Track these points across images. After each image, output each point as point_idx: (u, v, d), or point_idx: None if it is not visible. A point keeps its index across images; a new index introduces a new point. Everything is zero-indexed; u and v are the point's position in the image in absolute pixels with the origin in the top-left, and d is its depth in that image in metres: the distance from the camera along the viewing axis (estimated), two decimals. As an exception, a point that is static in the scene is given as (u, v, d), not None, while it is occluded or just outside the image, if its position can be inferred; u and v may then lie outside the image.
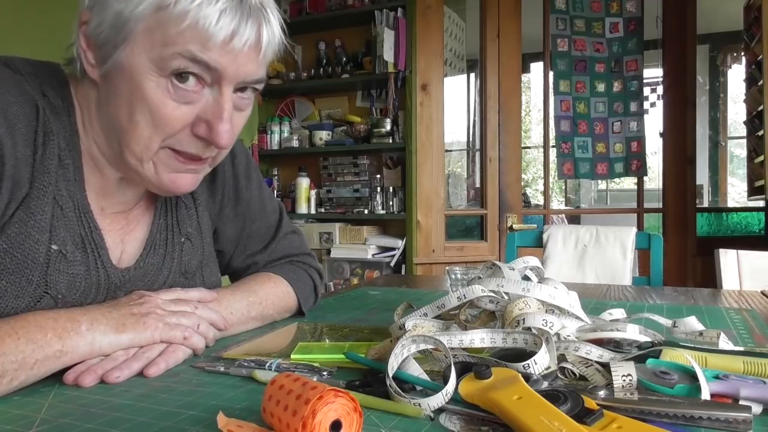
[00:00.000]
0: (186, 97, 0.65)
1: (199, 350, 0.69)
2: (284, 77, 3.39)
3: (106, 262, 0.72)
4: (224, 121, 0.66)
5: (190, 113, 0.66)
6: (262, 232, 0.96)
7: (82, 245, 0.69)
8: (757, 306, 1.07)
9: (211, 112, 0.66)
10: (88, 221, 0.70)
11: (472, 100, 4.25)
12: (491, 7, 3.06)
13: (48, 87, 0.68)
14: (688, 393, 0.49)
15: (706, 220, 3.32)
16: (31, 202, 0.64)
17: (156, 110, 0.64)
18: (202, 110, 0.66)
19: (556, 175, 3.25)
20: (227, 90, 0.66)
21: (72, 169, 0.69)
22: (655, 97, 3.59)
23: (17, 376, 0.54)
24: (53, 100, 0.68)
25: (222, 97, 0.66)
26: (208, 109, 0.66)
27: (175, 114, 0.65)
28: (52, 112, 0.67)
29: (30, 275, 0.64)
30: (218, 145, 0.67)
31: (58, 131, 0.67)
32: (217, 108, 0.66)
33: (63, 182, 0.68)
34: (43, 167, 0.65)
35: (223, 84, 0.66)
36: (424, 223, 2.99)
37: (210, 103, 0.66)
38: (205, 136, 0.67)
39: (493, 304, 0.66)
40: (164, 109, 0.64)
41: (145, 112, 0.64)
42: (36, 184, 0.64)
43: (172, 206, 0.83)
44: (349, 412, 0.41)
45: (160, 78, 0.63)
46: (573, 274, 1.90)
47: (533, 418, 0.42)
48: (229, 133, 0.67)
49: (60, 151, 0.67)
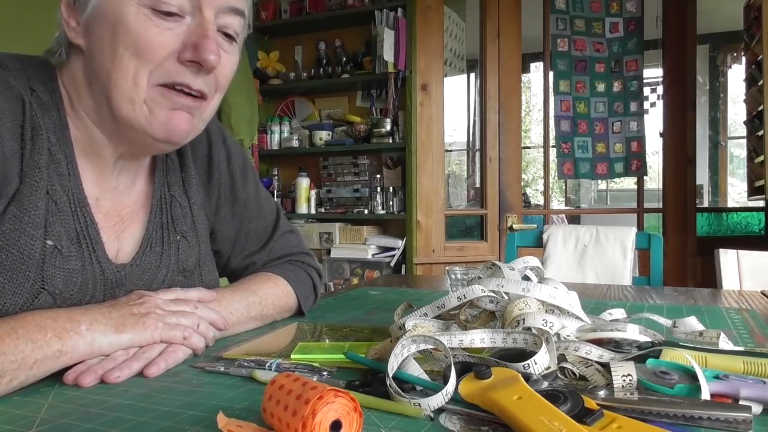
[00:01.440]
0: (167, 24, 0.65)
1: (198, 350, 0.68)
2: (284, 77, 3.40)
3: (102, 258, 0.72)
4: (210, 38, 0.67)
5: (173, 39, 0.66)
6: (259, 232, 0.96)
7: (77, 240, 0.69)
8: (757, 306, 1.07)
9: (195, 34, 0.67)
10: (83, 215, 0.70)
11: (472, 100, 4.26)
12: (491, 7, 3.06)
13: (36, 82, 0.68)
14: (688, 393, 0.49)
15: (706, 220, 3.32)
16: (23, 198, 0.64)
17: (138, 37, 0.64)
18: (186, 35, 0.67)
19: (556, 175, 3.25)
20: (208, 13, 0.67)
21: (65, 163, 0.69)
22: (655, 97, 3.59)
23: (17, 375, 0.54)
24: (41, 95, 0.68)
25: (204, 19, 0.67)
26: (191, 32, 0.67)
27: (158, 39, 0.65)
28: (39, 107, 0.67)
29: (27, 271, 0.64)
30: (207, 63, 0.67)
31: (47, 126, 0.67)
32: (201, 28, 0.67)
33: (56, 177, 0.67)
34: (33, 162, 0.64)
35: (203, 8, 0.67)
36: (424, 223, 2.99)
37: (193, 27, 0.67)
38: (192, 57, 0.67)
39: (493, 304, 0.66)
40: (146, 34, 0.64)
41: (129, 44, 0.64)
42: (27, 180, 0.64)
43: (166, 204, 0.83)
44: (349, 412, 0.41)
45: (139, 6, 0.64)
46: (573, 274, 1.90)
47: (533, 418, 0.42)
48: (216, 53, 0.67)
49: (50, 146, 0.67)
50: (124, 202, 0.78)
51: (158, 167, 0.83)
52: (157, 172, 0.83)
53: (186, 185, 0.86)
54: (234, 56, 0.74)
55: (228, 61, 0.73)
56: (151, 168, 0.83)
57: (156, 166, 0.83)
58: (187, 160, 0.86)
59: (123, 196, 0.78)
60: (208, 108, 0.74)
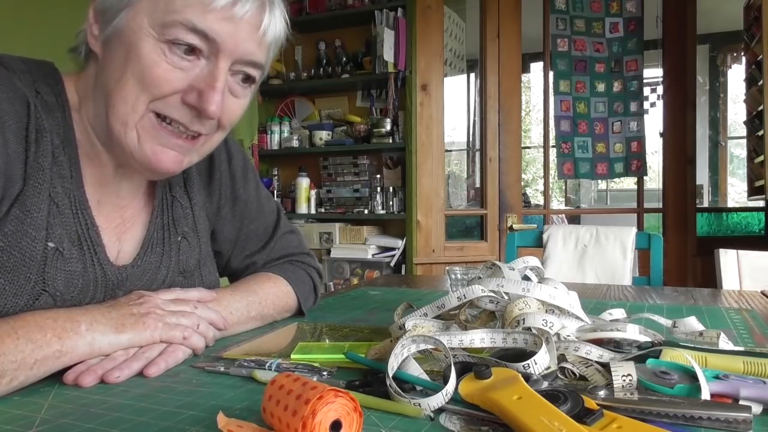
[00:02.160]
0: (181, 63, 0.65)
1: (198, 350, 0.68)
2: (284, 77, 3.39)
3: (103, 260, 0.72)
4: (216, 90, 0.66)
5: (182, 79, 0.66)
6: (260, 233, 0.97)
7: (78, 242, 0.69)
8: (757, 306, 1.07)
9: (204, 81, 0.66)
10: (84, 218, 0.70)
11: (472, 100, 4.26)
12: (491, 7, 3.06)
13: (42, 84, 0.68)
14: (688, 393, 0.49)
15: (706, 220, 3.32)
16: (26, 199, 0.64)
17: (147, 68, 0.64)
18: (195, 79, 0.66)
19: (556, 175, 3.25)
20: (223, 63, 0.67)
21: (67, 166, 0.69)
22: (655, 97, 3.59)
23: (17, 375, 0.54)
24: (46, 97, 0.68)
25: (217, 68, 0.67)
26: (201, 78, 0.67)
27: (166, 75, 0.65)
28: (44, 109, 0.67)
29: (28, 273, 0.64)
30: (206, 113, 0.66)
31: (51, 128, 0.67)
32: (211, 77, 0.66)
33: (58, 179, 0.67)
34: (36, 164, 0.65)
35: (220, 56, 0.66)
36: (424, 223, 2.99)
37: (204, 73, 0.67)
38: (194, 103, 0.67)
39: (493, 304, 0.66)
40: (156, 68, 0.64)
41: (136, 70, 0.64)
42: (30, 182, 0.64)
43: (168, 205, 0.83)
44: (349, 412, 0.41)
45: (157, 41, 0.64)
46: (573, 274, 1.90)
47: (533, 418, 0.42)
48: (218, 105, 0.67)
49: (53, 148, 0.67)
50: (127, 206, 0.78)
51: None
52: None
53: (188, 186, 0.86)
54: (244, 100, 0.74)
55: (236, 105, 0.72)
56: None
57: None
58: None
59: (125, 200, 0.78)
60: (206, 144, 0.74)
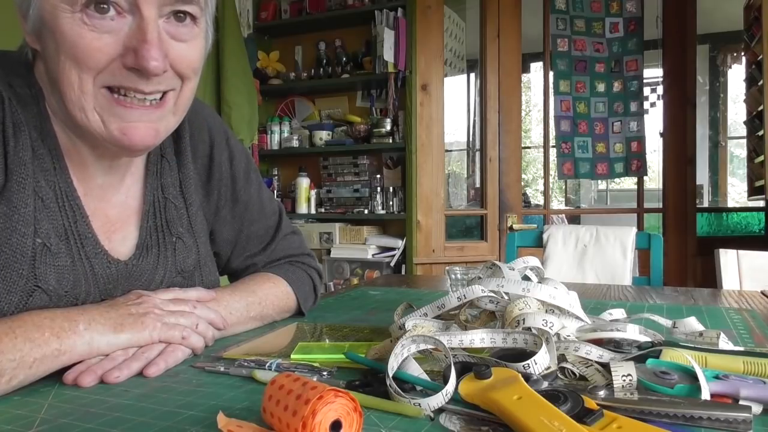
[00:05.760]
0: (104, 27, 0.62)
1: (198, 350, 0.68)
2: (284, 77, 3.40)
3: (90, 253, 0.71)
4: (149, 43, 0.62)
5: (112, 43, 0.63)
6: (261, 234, 0.96)
7: (65, 237, 0.68)
8: (757, 306, 1.06)
9: (135, 38, 0.63)
10: (72, 209, 0.69)
11: (472, 100, 4.26)
12: (491, 7, 3.06)
13: (14, 77, 0.67)
14: (688, 393, 0.49)
15: (706, 220, 3.33)
16: (11, 195, 0.63)
17: (74, 44, 0.61)
18: (126, 38, 0.63)
19: (556, 175, 3.25)
20: (148, 11, 0.62)
21: (49, 158, 0.68)
22: (655, 97, 3.59)
23: (16, 374, 0.54)
24: (20, 89, 0.67)
25: (143, 20, 0.63)
26: (131, 35, 0.63)
27: (95, 45, 0.62)
28: (19, 102, 0.66)
29: (20, 270, 0.63)
30: (147, 71, 0.62)
31: (28, 121, 0.66)
32: (139, 31, 0.63)
33: (41, 173, 0.67)
34: (17, 159, 0.64)
35: (141, 5, 0.62)
36: (424, 223, 2.99)
37: (133, 29, 0.63)
38: (134, 64, 0.62)
39: (493, 304, 0.66)
40: (82, 41, 0.61)
41: (67, 51, 0.62)
42: (14, 177, 0.64)
43: (160, 208, 0.81)
44: (349, 412, 0.41)
45: (74, 13, 0.61)
46: (573, 274, 1.90)
47: (533, 418, 0.42)
48: (159, 59, 0.63)
49: (32, 141, 0.66)
50: (111, 201, 0.76)
51: (151, 171, 0.81)
52: (149, 176, 0.81)
53: (183, 186, 0.85)
54: (196, 41, 0.68)
55: (188, 50, 0.67)
56: (145, 170, 0.81)
57: (149, 169, 0.81)
58: (186, 160, 0.85)
59: (108, 194, 0.76)
60: (178, 102, 0.70)
